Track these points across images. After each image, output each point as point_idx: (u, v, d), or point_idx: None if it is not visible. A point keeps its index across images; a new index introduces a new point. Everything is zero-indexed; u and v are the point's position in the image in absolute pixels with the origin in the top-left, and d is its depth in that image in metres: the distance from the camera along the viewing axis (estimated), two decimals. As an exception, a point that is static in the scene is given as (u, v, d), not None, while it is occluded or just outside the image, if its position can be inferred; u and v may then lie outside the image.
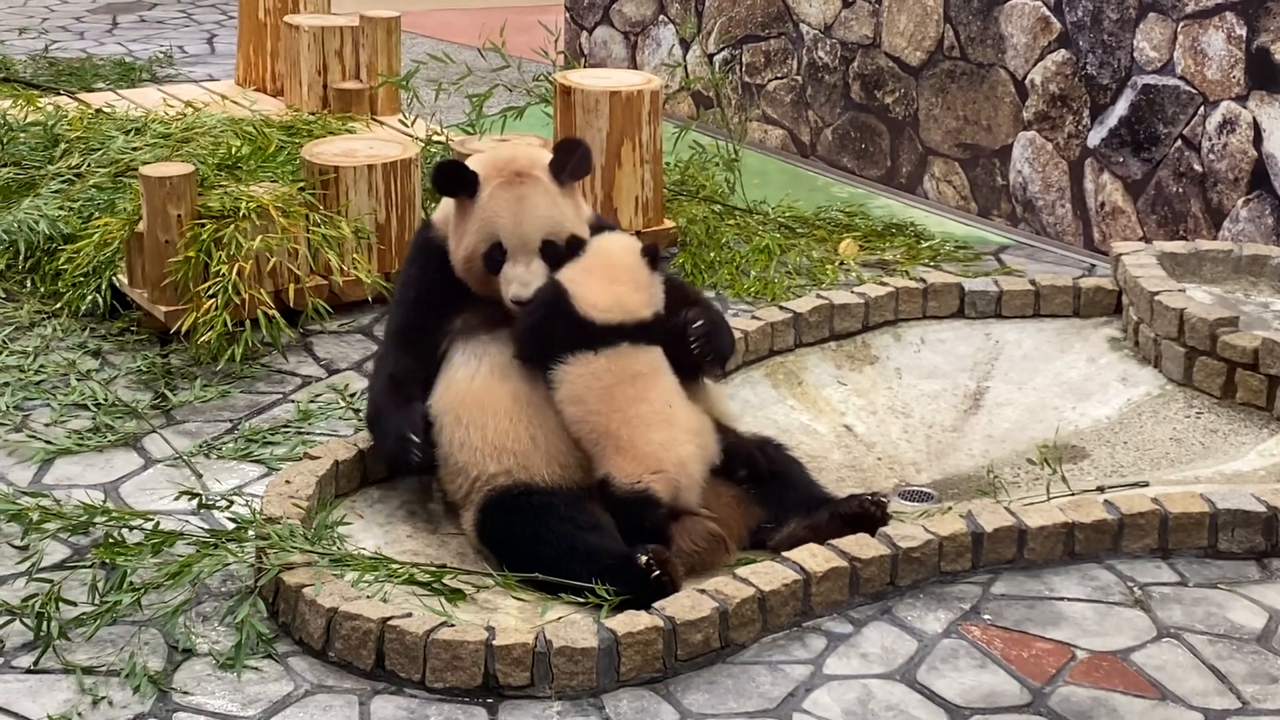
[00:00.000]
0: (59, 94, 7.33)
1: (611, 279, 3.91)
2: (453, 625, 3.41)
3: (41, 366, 4.91)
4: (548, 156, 4.07)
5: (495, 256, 3.95)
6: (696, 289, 4.37)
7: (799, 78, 7.40)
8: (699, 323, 3.91)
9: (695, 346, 3.89)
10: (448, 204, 4.10)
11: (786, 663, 3.48)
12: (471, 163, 4.06)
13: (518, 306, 3.92)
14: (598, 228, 4.13)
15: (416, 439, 3.87)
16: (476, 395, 3.90)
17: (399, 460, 3.93)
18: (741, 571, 3.61)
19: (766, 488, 3.94)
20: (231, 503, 3.93)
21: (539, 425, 3.87)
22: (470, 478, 3.89)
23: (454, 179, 4.00)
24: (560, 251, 3.95)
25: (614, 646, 3.37)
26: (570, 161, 4.03)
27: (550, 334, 3.86)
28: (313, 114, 6.68)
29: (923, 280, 5.19)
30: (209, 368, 4.90)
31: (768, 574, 3.59)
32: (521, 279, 3.92)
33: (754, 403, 4.71)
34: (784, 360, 4.92)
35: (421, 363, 4.03)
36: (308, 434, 4.49)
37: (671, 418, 3.84)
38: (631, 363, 3.86)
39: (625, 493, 3.75)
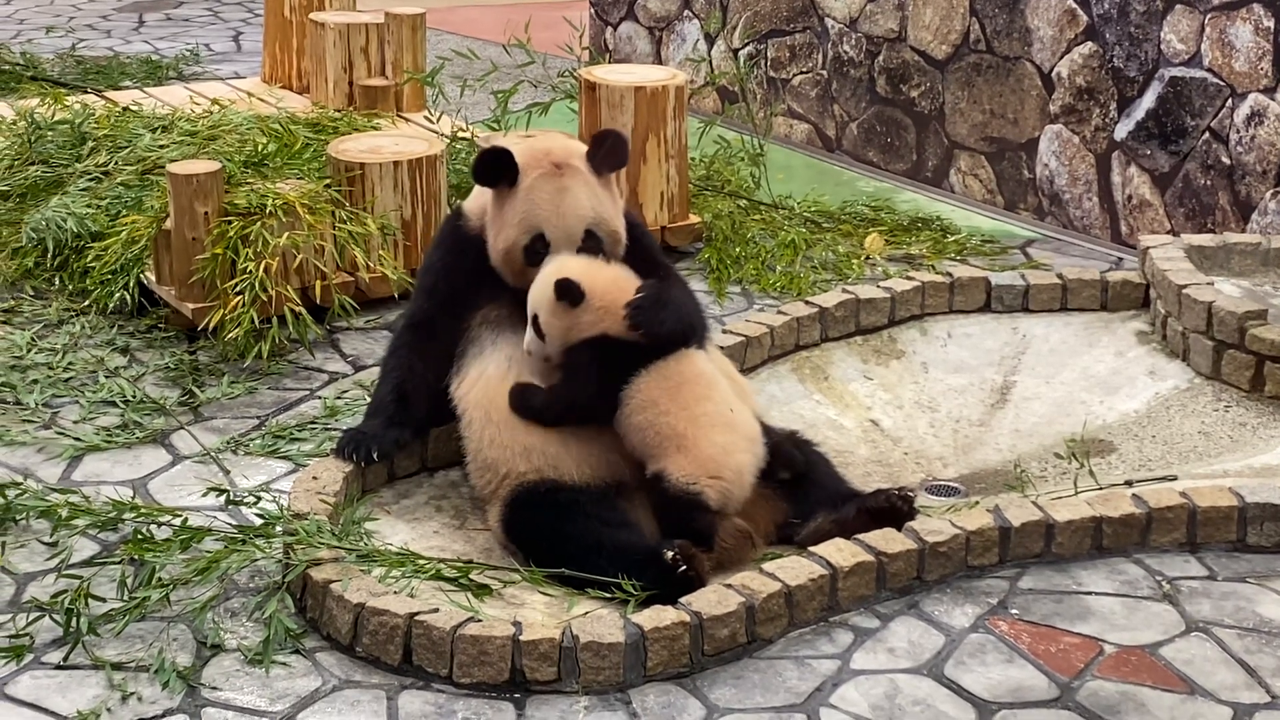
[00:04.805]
0: (86, 92, 7.36)
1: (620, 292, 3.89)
2: (480, 620, 3.41)
3: (70, 364, 4.94)
4: (583, 147, 4.03)
5: (537, 249, 3.92)
6: (667, 262, 4.24)
7: (824, 72, 7.39)
8: (640, 294, 3.83)
9: (627, 318, 3.80)
10: (484, 193, 4.04)
11: (813, 658, 3.48)
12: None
13: None
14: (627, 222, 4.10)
15: (372, 460, 3.97)
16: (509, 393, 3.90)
17: (344, 453, 3.98)
18: (768, 566, 3.60)
19: (794, 483, 3.93)
20: (259, 499, 3.93)
21: (571, 427, 3.86)
22: (499, 474, 3.89)
23: (495, 168, 3.95)
24: (601, 244, 3.93)
25: (641, 642, 3.37)
26: (605, 152, 3.98)
27: (609, 374, 3.82)
28: (338, 111, 6.69)
29: (949, 274, 5.17)
30: (236, 364, 4.91)
31: (794, 569, 3.59)
32: None
33: (780, 397, 4.70)
34: (810, 355, 4.91)
35: (433, 360, 4.03)
36: (335, 430, 4.50)
37: (733, 422, 3.82)
38: (691, 362, 3.85)
39: (679, 491, 3.73)
